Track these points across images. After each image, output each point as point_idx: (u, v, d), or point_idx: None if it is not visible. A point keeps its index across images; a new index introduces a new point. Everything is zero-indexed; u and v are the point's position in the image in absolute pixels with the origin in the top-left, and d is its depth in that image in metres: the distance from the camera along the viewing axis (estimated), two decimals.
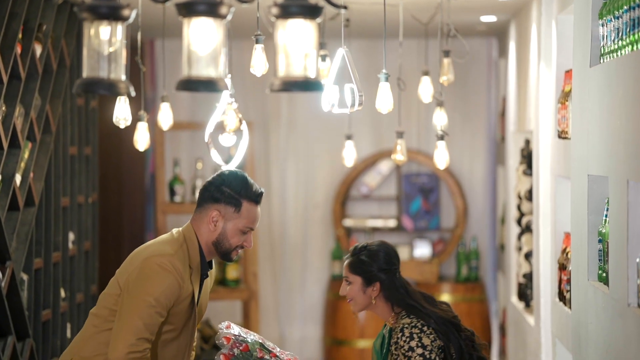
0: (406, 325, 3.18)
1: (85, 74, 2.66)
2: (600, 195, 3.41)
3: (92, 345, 3.15)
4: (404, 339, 3.16)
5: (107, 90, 2.70)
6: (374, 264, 3.28)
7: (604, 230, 3.30)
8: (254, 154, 6.84)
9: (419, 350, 3.14)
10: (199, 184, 6.45)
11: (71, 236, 5.15)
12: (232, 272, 6.41)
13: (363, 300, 3.29)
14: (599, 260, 3.36)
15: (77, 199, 5.27)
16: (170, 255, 3.12)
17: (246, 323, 6.40)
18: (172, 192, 6.41)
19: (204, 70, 2.73)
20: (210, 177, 3.24)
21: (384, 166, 7.63)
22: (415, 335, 3.16)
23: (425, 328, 3.18)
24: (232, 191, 3.18)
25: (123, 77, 2.75)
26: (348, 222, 7.58)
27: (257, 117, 7.44)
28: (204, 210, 3.19)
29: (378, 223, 7.56)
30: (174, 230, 3.24)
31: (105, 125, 6.38)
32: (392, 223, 7.55)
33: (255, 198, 3.21)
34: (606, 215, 3.30)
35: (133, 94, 2.83)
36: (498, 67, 7.30)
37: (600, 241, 3.34)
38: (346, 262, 3.34)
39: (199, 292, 3.29)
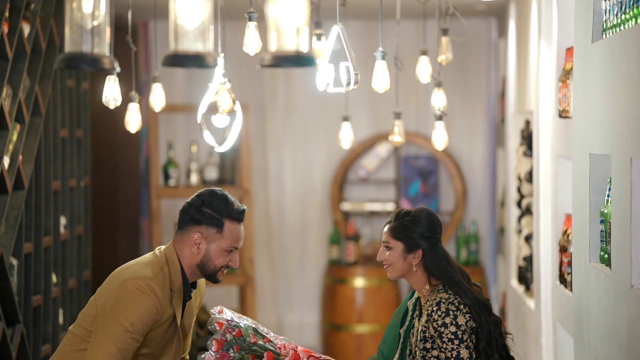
0: (443, 300, 3.10)
1: (67, 48, 2.57)
2: (602, 174, 3.34)
3: None
4: (439, 313, 3.08)
5: (90, 66, 2.60)
6: (416, 229, 3.18)
7: (606, 211, 3.22)
8: (250, 138, 6.75)
9: (452, 328, 3.06)
10: (194, 167, 6.36)
11: (63, 220, 5.07)
12: None
13: (402, 267, 3.19)
14: (601, 241, 3.28)
15: (69, 183, 5.18)
16: (149, 278, 3.05)
17: (243, 309, 6.32)
18: (167, 176, 6.32)
19: (191, 45, 2.64)
20: (189, 198, 3.17)
21: (382, 149, 7.55)
22: (451, 312, 3.08)
23: (461, 307, 3.09)
24: (212, 211, 3.10)
25: (107, 52, 2.65)
26: (346, 206, 7.51)
27: (253, 100, 7.36)
28: (186, 232, 3.12)
29: (376, 207, 7.49)
30: (157, 250, 3.18)
31: (99, 108, 6.27)
32: (390, 206, 7.48)
33: (238, 216, 3.13)
34: (608, 195, 3.23)
35: (117, 69, 2.73)
36: (498, 48, 7.21)
37: (602, 222, 3.27)
38: (387, 226, 3.25)
39: (182, 314, 3.20)
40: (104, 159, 6.62)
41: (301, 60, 2.41)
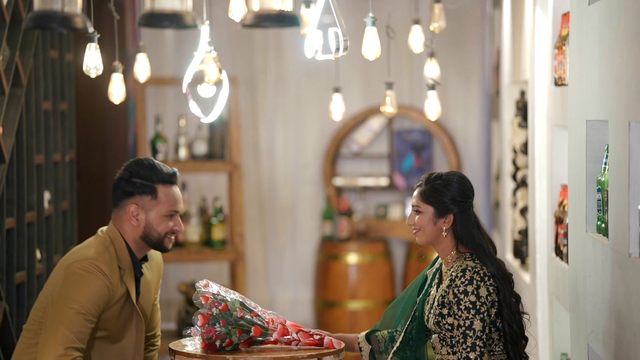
0: (469, 268, 3.02)
1: (36, 6, 2.44)
2: (599, 142, 3.26)
3: None
4: (462, 279, 3.00)
5: (61, 25, 2.47)
6: (448, 193, 3.09)
7: (603, 179, 3.14)
8: (240, 111, 6.63)
9: (472, 298, 2.98)
10: (183, 141, 6.24)
11: (47, 195, 4.95)
12: (217, 232, 6.23)
13: (432, 232, 3.10)
14: (598, 210, 3.21)
15: (53, 157, 5.06)
16: (94, 258, 3.01)
17: (233, 285, 6.23)
18: (155, 151, 6.20)
19: (168, 3, 2.51)
20: (117, 173, 3.13)
21: (375, 123, 7.45)
22: (474, 282, 2.99)
23: (486, 278, 3.01)
24: (143, 180, 3.08)
25: (79, 11, 2.51)
26: (338, 181, 7.43)
27: (243, 73, 7.24)
28: (121, 207, 3.10)
29: (369, 182, 7.42)
30: (99, 231, 3.13)
31: (85, 81, 6.13)
32: (383, 181, 7.40)
33: (170, 179, 3.12)
34: (605, 163, 3.15)
35: (90, 29, 2.60)
36: (492, 19, 7.09)
37: (599, 190, 3.19)
38: (418, 190, 3.15)
39: (138, 291, 3.14)
40: (92, 133, 6.50)
41: (284, 19, 2.29)
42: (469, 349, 2.96)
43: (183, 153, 6.22)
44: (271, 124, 7.44)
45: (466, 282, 3.00)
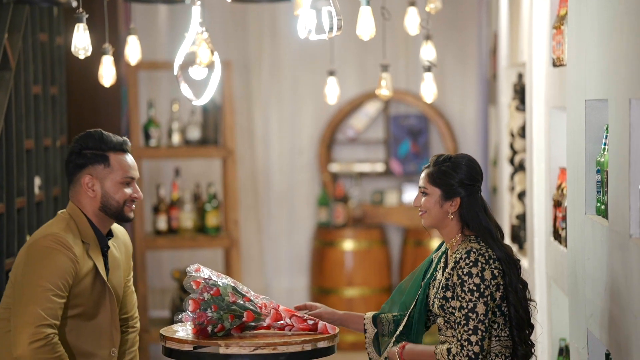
0: (474, 250, 2.96)
1: None
2: (599, 122, 3.21)
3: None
4: (467, 261, 2.94)
5: (43, 0, 2.38)
6: (456, 176, 3.03)
7: (602, 160, 3.09)
8: (234, 97, 6.55)
9: (476, 280, 2.92)
10: (176, 127, 6.17)
11: (37, 181, 4.88)
12: (212, 219, 6.16)
13: (437, 214, 3.05)
14: (597, 192, 3.16)
15: (43, 142, 4.99)
16: (55, 233, 2.99)
17: (228, 273, 6.17)
18: (147, 136, 6.13)
19: None
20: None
21: (371, 108, 7.39)
22: (479, 264, 2.94)
23: (491, 261, 2.95)
24: (93, 150, 3.07)
25: None
26: (334, 167, 7.37)
27: (237, 58, 7.16)
28: (76, 181, 3.09)
29: (365, 167, 7.36)
30: (59, 212, 3.12)
31: (77, 65, 6.05)
32: (380, 167, 7.34)
33: (120, 146, 3.11)
34: (605, 144, 3.10)
35: (74, 4, 2.51)
36: (489, 1, 7.02)
37: (598, 171, 3.14)
38: (425, 171, 3.10)
39: (107, 268, 3.12)
40: (84, 119, 6.41)
41: None
42: (470, 332, 2.91)
43: (176, 138, 6.14)
44: (266, 110, 7.37)
45: (470, 263, 2.94)
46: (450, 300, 2.98)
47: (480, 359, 2.92)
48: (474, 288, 2.92)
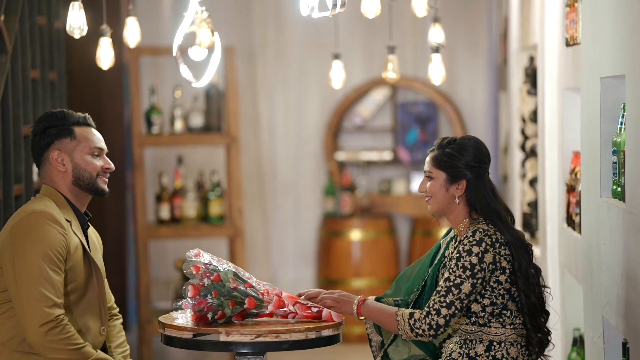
0: (480, 230, 2.87)
1: None
2: (615, 100, 3.10)
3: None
4: (471, 239, 2.86)
5: None
6: (461, 158, 2.93)
7: (619, 140, 2.97)
8: (238, 83, 6.43)
9: (474, 259, 2.83)
10: (178, 113, 6.04)
11: (36, 168, 4.77)
12: (215, 207, 6.04)
13: (444, 199, 2.95)
14: (614, 174, 3.04)
15: None
16: (39, 210, 2.94)
17: (233, 262, 6.04)
18: (149, 123, 6.01)
19: None
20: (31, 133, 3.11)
21: (378, 95, 7.27)
22: (483, 244, 2.85)
23: (497, 244, 2.86)
24: (56, 127, 3.06)
25: None
26: (341, 156, 7.25)
27: (242, 45, 7.04)
28: (45, 160, 3.07)
29: (373, 156, 7.25)
30: (32, 198, 3.10)
31: (79, 51, 5.97)
32: (387, 155, 7.23)
33: (84, 121, 3.11)
34: (621, 123, 2.98)
35: None
36: None
37: (614, 152, 3.02)
38: (430, 155, 3.00)
39: (88, 244, 3.08)
40: (86, 105, 6.28)
41: None
42: (444, 304, 2.83)
43: (179, 126, 6.02)
44: (271, 98, 7.25)
45: (474, 242, 2.85)
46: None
47: (440, 332, 2.84)
48: (468, 266, 2.83)
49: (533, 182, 5.00)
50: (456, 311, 2.83)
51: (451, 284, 2.83)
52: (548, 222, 4.43)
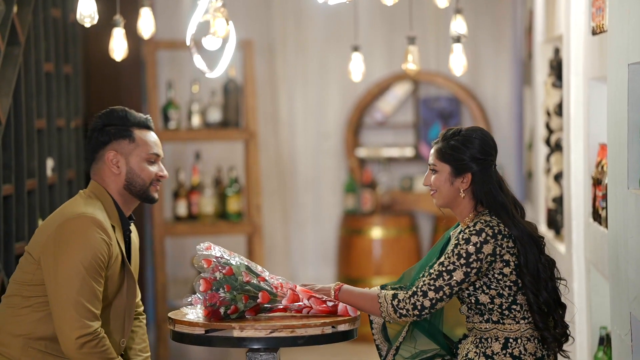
0: (482, 221, 2.80)
1: None
2: None
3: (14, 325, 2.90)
4: (472, 229, 2.79)
5: None
6: (466, 151, 2.86)
7: None
8: (257, 78, 6.34)
9: (470, 248, 2.76)
10: (196, 108, 5.96)
11: (50, 163, 4.71)
12: (233, 204, 5.95)
13: (449, 192, 2.88)
14: None
15: (56, 122, 4.82)
16: (88, 213, 2.86)
17: (251, 260, 5.96)
18: (166, 118, 5.93)
19: None
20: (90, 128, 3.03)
21: (400, 90, 7.16)
22: (483, 234, 2.77)
23: (500, 237, 2.78)
24: (116, 126, 2.97)
25: None
26: (361, 152, 7.15)
27: (261, 39, 6.96)
28: (99, 158, 2.98)
29: (394, 152, 7.14)
30: (80, 192, 2.99)
31: (97, 45, 5.90)
32: (409, 152, 7.12)
33: (144, 122, 3.02)
34: None
35: None
36: None
37: None
38: (434, 147, 2.93)
39: (129, 251, 3.01)
40: (104, 100, 6.24)
41: None
42: (432, 288, 2.76)
43: (196, 121, 5.94)
44: (291, 93, 7.16)
45: (474, 231, 2.78)
46: None
47: (425, 314, 2.78)
48: (464, 255, 2.76)
49: (558, 177, 4.88)
50: (444, 296, 2.76)
51: (444, 269, 2.77)
52: (573, 218, 4.32)
